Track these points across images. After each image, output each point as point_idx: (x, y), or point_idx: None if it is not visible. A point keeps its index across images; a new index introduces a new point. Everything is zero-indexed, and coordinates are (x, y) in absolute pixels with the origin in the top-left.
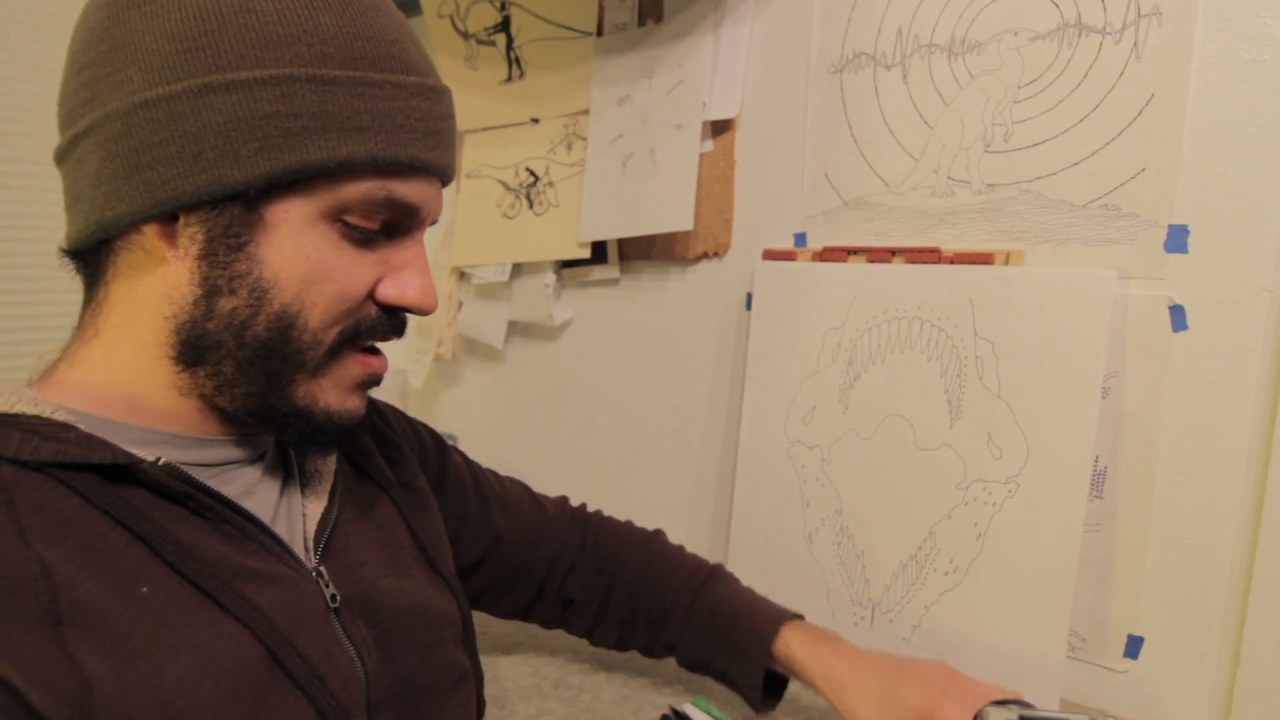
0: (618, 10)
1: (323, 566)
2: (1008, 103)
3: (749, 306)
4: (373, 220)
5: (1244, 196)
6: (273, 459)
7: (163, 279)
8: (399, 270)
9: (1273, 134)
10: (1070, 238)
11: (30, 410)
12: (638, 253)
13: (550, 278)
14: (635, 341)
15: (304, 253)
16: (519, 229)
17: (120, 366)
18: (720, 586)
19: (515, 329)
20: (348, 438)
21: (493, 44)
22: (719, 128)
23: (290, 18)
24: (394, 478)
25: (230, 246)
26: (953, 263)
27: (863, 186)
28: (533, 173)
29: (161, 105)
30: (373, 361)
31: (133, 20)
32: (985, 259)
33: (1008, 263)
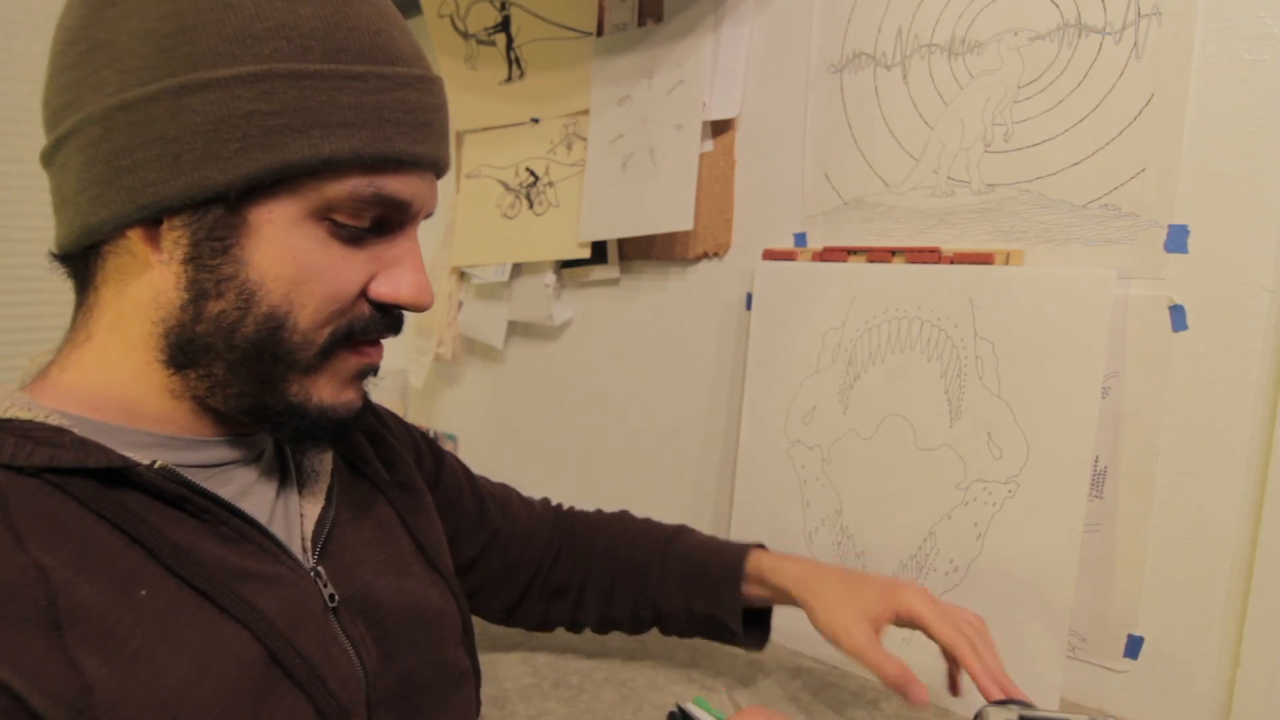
0: (618, 10)
1: (320, 567)
2: (1008, 103)
3: (749, 306)
4: (362, 218)
5: (1244, 196)
6: (269, 460)
7: (150, 283)
8: (392, 267)
9: (1273, 134)
10: (1070, 238)
11: (24, 415)
12: (638, 253)
13: (550, 278)
14: (635, 341)
15: (291, 254)
16: (519, 229)
17: (112, 370)
18: (689, 536)
19: (515, 329)
20: (344, 433)
21: (493, 44)
22: (719, 128)
23: (268, 11)
24: (390, 478)
25: (215, 249)
26: (953, 263)
27: (863, 186)
28: (533, 173)
29: (139, 107)
30: (369, 352)
31: (109, 19)
32: (985, 259)
33: (1008, 263)
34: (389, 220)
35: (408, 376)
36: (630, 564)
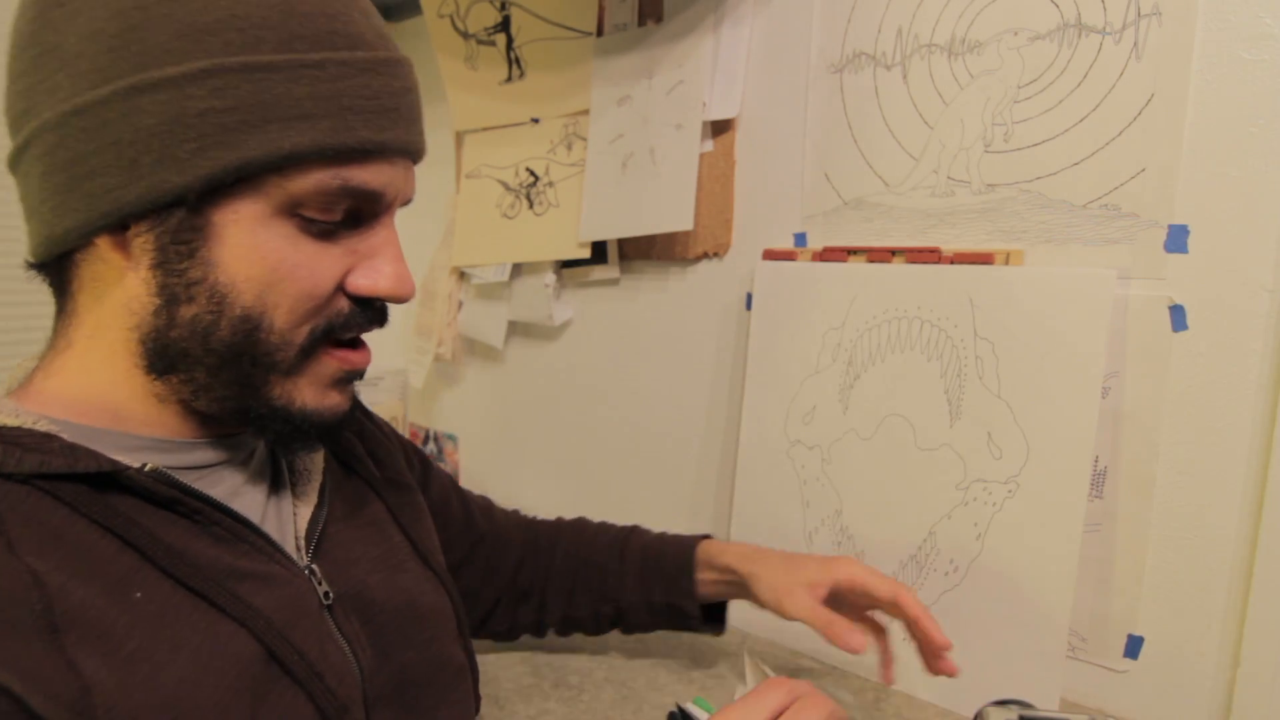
0: (618, 10)
1: (315, 565)
2: (1008, 103)
3: (749, 306)
4: (332, 211)
5: (1244, 196)
6: (260, 459)
7: (124, 290)
8: (369, 259)
9: (1273, 134)
10: (1070, 238)
11: (11, 422)
12: (638, 253)
13: (550, 278)
14: (635, 341)
15: (259, 254)
16: (519, 229)
17: (96, 376)
18: (643, 534)
19: (515, 329)
20: (331, 435)
21: (493, 44)
22: (719, 128)
23: (216, 2)
24: (382, 476)
25: (181, 253)
26: (953, 263)
27: (863, 186)
28: (533, 173)
29: (92, 111)
30: (350, 357)
31: (57, 21)
32: (985, 259)
33: (1008, 263)
34: (362, 212)
35: (408, 376)
36: (589, 565)
